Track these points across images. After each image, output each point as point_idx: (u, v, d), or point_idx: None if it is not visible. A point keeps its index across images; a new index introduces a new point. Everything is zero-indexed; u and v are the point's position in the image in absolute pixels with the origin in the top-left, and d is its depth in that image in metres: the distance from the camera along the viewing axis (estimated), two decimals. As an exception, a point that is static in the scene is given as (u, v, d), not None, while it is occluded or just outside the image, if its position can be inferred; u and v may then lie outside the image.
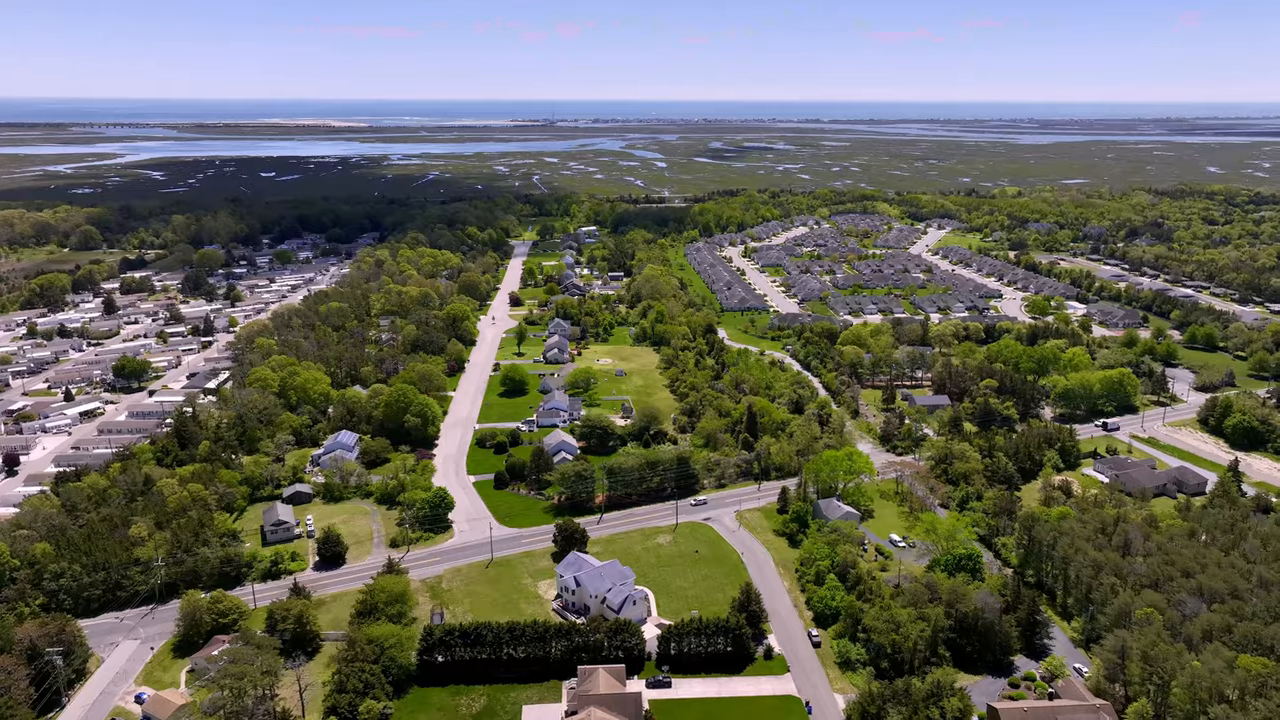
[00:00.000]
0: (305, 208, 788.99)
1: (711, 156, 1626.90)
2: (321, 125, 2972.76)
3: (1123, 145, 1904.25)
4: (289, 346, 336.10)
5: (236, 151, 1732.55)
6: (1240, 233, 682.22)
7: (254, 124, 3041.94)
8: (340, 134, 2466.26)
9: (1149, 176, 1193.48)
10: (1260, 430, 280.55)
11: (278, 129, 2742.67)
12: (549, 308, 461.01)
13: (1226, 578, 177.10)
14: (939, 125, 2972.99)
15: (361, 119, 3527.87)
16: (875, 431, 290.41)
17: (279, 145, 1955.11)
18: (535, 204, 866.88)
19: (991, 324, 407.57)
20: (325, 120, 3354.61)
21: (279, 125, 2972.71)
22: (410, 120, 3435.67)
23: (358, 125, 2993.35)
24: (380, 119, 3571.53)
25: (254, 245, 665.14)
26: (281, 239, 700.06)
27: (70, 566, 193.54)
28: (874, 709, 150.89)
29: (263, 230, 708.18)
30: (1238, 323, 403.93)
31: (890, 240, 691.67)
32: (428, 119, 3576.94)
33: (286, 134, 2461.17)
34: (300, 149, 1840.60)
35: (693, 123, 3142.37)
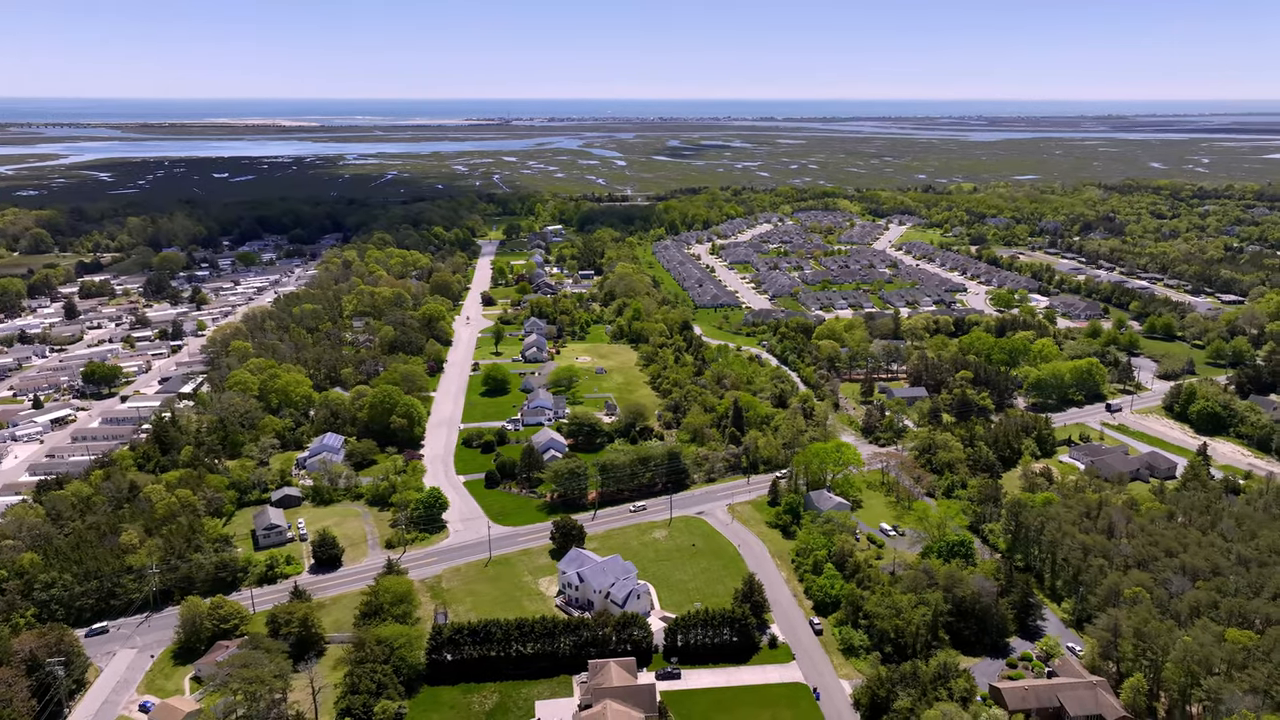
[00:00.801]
0: (264, 209, 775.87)
1: (670, 155, 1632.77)
2: (271, 125, 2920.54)
3: (1069, 142, 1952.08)
4: (266, 349, 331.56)
5: (185, 152, 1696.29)
6: (1188, 226, 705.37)
7: (201, 124, 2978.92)
8: (291, 134, 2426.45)
9: (1096, 172, 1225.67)
10: (1223, 416, 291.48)
11: (226, 129, 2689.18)
12: (523, 307, 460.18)
13: (1207, 556, 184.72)
14: (891, 123, 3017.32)
15: (312, 119, 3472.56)
16: (857, 424, 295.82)
17: (229, 145, 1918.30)
18: (499, 203, 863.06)
19: (960, 317, 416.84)
20: (275, 120, 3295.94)
21: (227, 125, 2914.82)
22: (363, 120, 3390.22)
23: (309, 125, 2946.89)
24: (331, 119, 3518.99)
25: (214, 247, 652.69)
26: (242, 240, 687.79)
27: (61, 576, 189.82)
28: (883, 692, 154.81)
29: (222, 232, 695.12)
30: (1194, 313, 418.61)
31: (854, 236, 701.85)
32: (380, 118, 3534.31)
33: (235, 134, 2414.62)
34: (252, 149, 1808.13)
35: (649, 121, 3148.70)
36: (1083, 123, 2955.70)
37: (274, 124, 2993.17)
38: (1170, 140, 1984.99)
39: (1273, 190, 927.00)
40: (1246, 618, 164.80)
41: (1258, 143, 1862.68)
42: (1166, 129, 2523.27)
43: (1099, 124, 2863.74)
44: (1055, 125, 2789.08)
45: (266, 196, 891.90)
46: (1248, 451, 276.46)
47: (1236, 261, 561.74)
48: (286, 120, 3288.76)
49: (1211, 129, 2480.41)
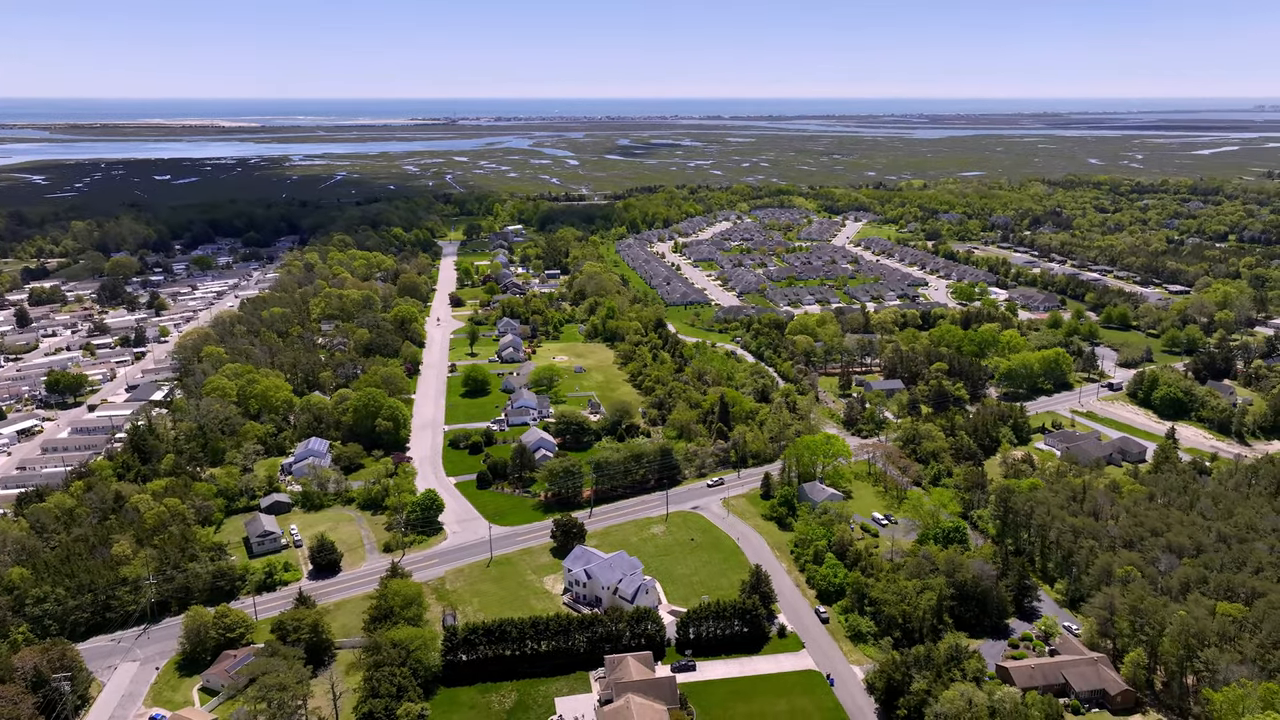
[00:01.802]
0: (215, 211, 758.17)
1: (622, 154, 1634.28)
2: (210, 125, 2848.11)
3: (1009, 139, 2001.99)
4: (239, 354, 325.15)
5: (121, 154, 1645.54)
6: (1131, 219, 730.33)
7: (135, 125, 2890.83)
8: (231, 134, 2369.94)
9: (1038, 168, 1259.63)
10: (1184, 401, 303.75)
11: (162, 130, 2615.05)
12: (493, 307, 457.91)
13: (1191, 535, 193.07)
14: (836, 121, 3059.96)
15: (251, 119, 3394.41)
16: (838, 417, 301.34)
17: (167, 147, 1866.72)
18: (456, 203, 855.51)
19: (926, 310, 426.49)
20: (213, 120, 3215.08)
21: (163, 126, 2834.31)
22: (305, 120, 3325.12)
23: (249, 125, 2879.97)
24: (271, 119, 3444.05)
25: (166, 251, 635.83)
26: (195, 244, 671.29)
27: (53, 590, 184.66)
28: (899, 675, 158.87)
29: (173, 236, 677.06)
30: (1146, 303, 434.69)
31: (812, 233, 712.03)
32: (323, 118, 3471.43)
33: (172, 135, 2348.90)
34: (192, 150, 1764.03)
35: (597, 120, 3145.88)
36: (1020, 120, 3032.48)
37: (212, 124, 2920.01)
38: (1105, 137, 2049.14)
39: (1205, 184, 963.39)
40: (1234, 591, 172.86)
41: (1185, 139, 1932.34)
42: (1100, 126, 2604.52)
43: (1036, 121, 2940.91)
44: (994, 123, 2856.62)
45: (214, 199, 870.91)
46: (1209, 435, 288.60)
47: (1179, 253, 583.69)
48: (225, 121, 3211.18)
49: (1142, 126, 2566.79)
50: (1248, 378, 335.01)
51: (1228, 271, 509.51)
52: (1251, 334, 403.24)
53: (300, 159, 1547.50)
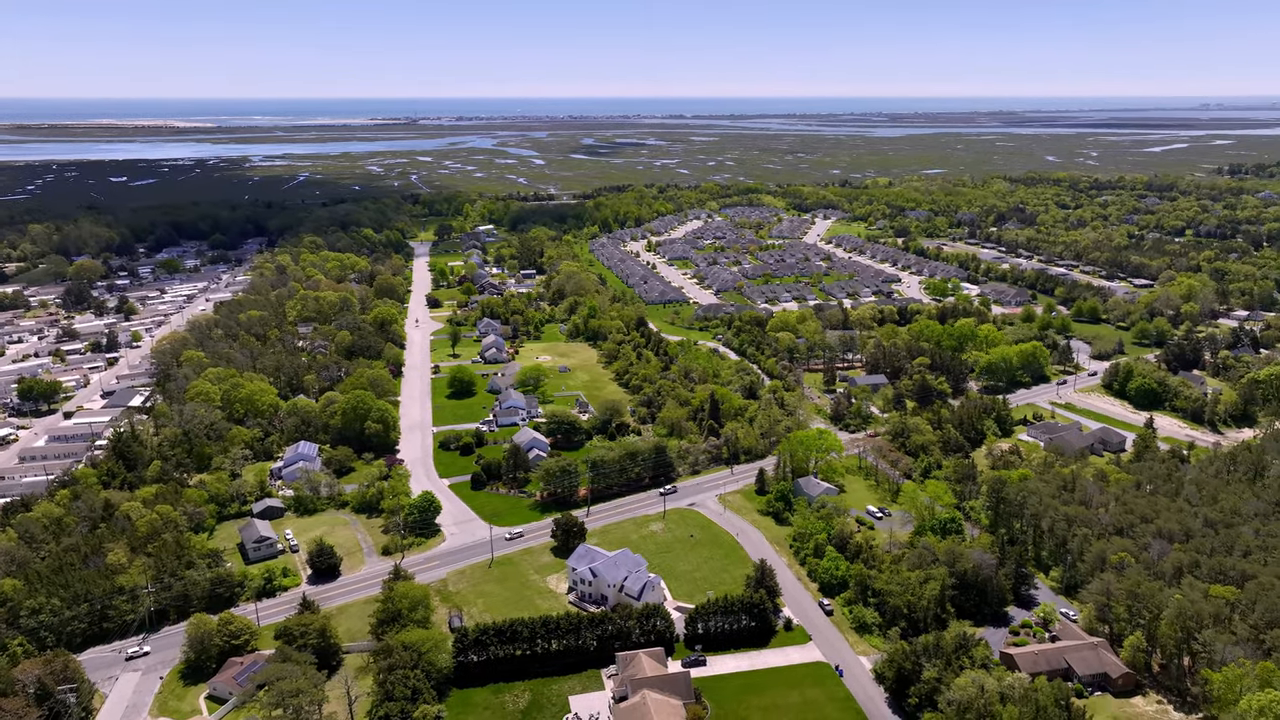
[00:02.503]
0: (178, 213, 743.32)
1: (587, 153, 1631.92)
2: (164, 126, 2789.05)
3: (968, 137, 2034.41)
4: (220, 358, 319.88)
5: (72, 155, 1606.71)
6: (1092, 215, 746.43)
7: (84, 125, 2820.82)
8: (186, 135, 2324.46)
9: (997, 166, 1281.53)
10: (1158, 391, 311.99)
11: (114, 130, 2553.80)
12: (471, 308, 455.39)
13: (1180, 521, 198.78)
14: (797, 120, 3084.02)
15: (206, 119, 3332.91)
16: (825, 412, 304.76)
17: (120, 148, 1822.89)
18: (425, 204, 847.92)
19: (903, 306, 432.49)
20: (167, 121, 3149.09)
21: (114, 126, 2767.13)
22: (262, 120, 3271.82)
23: (204, 126, 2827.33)
24: (226, 119, 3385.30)
25: (131, 255, 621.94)
26: (159, 247, 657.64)
27: (49, 601, 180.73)
28: (909, 665, 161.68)
29: (136, 239, 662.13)
30: (1115, 297, 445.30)
31: (783, 231, 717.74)
32: (281, 118, 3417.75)
33: (125, 136, 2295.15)
34: (147, 151, 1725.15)
35: (559, 120, 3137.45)
36: (978, 119, 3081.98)
37: (166, 125, 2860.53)
38: (1060, 135, 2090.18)
39: (1159, 181, 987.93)
40: (1225, 574, 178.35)
41: (1137, 137, 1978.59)
42: (1054, 124, 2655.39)
43: (993, 120, 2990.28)
44: (952, 121, 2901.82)
45: (175, 201, 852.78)
46: (1184, 424, 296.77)
47: (1140, 248, 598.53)
48: (179, 121, 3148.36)
49: (1094, 124, 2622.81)
50: (1215, 368, 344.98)
51: (1188, 265, 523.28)
52: (1215, 325, 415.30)
53: (260, 160, 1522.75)
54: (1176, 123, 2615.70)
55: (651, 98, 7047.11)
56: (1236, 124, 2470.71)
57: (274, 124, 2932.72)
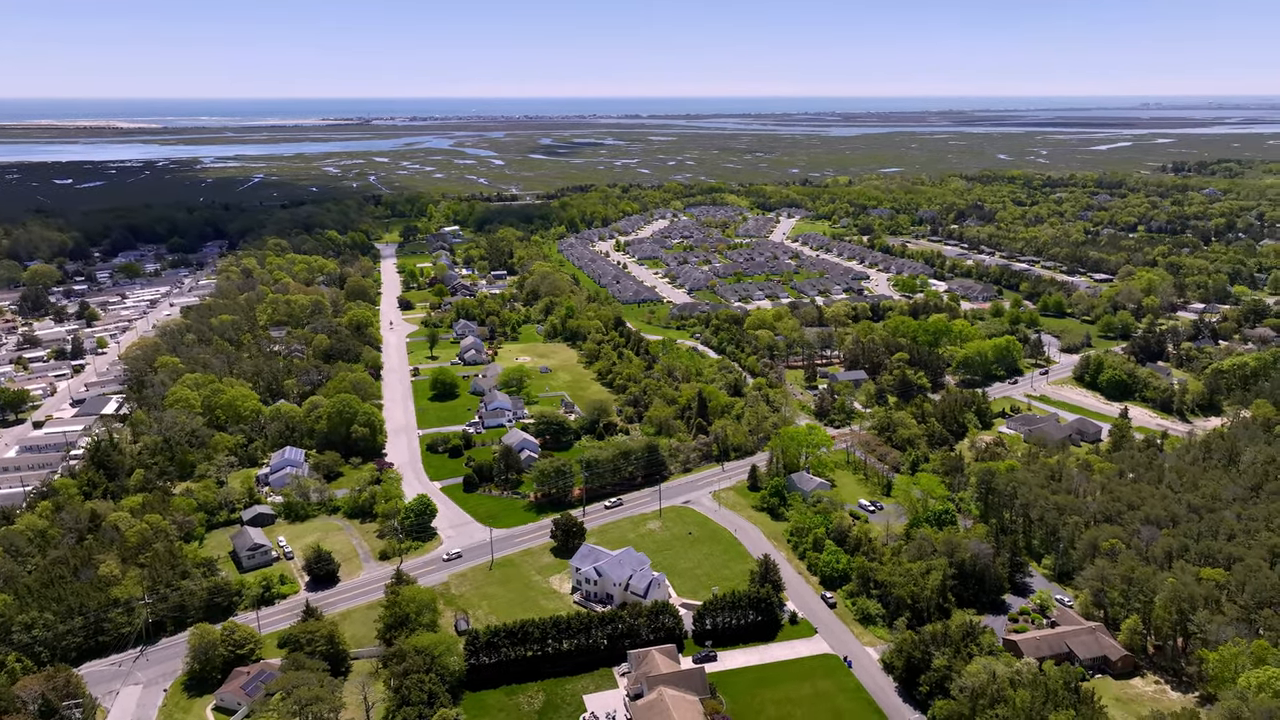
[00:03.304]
0: (133, 216, 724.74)
1: (546, 153, 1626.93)
2: (107, 127, 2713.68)
3: (921, 136, 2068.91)
4: (196, 363, 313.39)
5: (11, 156, 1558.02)
6: (1048, 212, 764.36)
7: (21, 125, 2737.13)
8: (131, 136, 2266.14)
9: (952, 164, 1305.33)
10: (1128, 383, 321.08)
11: (54, 130, 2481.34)
12: (444, 310, 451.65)
13: (1165, 507, 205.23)
14: (752, 120, 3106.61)
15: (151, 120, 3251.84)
16: (809, 408, 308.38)
17: (62, 149, 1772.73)
18: (387, 205, 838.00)
19: (875, 303, 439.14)
20: (110, 121, 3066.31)
21: (54, 127, 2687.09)
22: (210, 121, 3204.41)
23: (150, 126, 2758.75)
24: (172, 119, 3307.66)
25: (86, 259, 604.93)
26: (115, 251, 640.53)
27: (41, 615, 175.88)
28: (919, 653, 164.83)
29: (90, 243, 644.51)
30: (1079, 291, 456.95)
31: (749, 230, 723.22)
32: (229, 119, 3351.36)
33: (65, 137, 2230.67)
34: (91, 153, 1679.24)
35: (515, 120, 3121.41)
36: (928, 118, 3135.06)
37: (110, 125, 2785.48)
38: (1009, 133, 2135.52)
39: (1109, 178, 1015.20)
40: (1213, 558, 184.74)
41: (1082, 135, 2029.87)
42: (1003, 123, 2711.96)
43: (943, 119, 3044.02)
44: (904, 121, 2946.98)
45: (125, 203, 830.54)
46: (1154, 414, 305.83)
47: (1098, 243, 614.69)
48: (123, 121, 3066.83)
49: (1041, 123, 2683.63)
50: (1179, 359, 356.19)
51: (1145, 260, 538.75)
52: (1175, 318, 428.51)
53: (211, 161, 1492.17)
54: (1119, 122, 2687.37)
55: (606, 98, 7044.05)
56: (1175, 123, 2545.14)
57: (223, 125, 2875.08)
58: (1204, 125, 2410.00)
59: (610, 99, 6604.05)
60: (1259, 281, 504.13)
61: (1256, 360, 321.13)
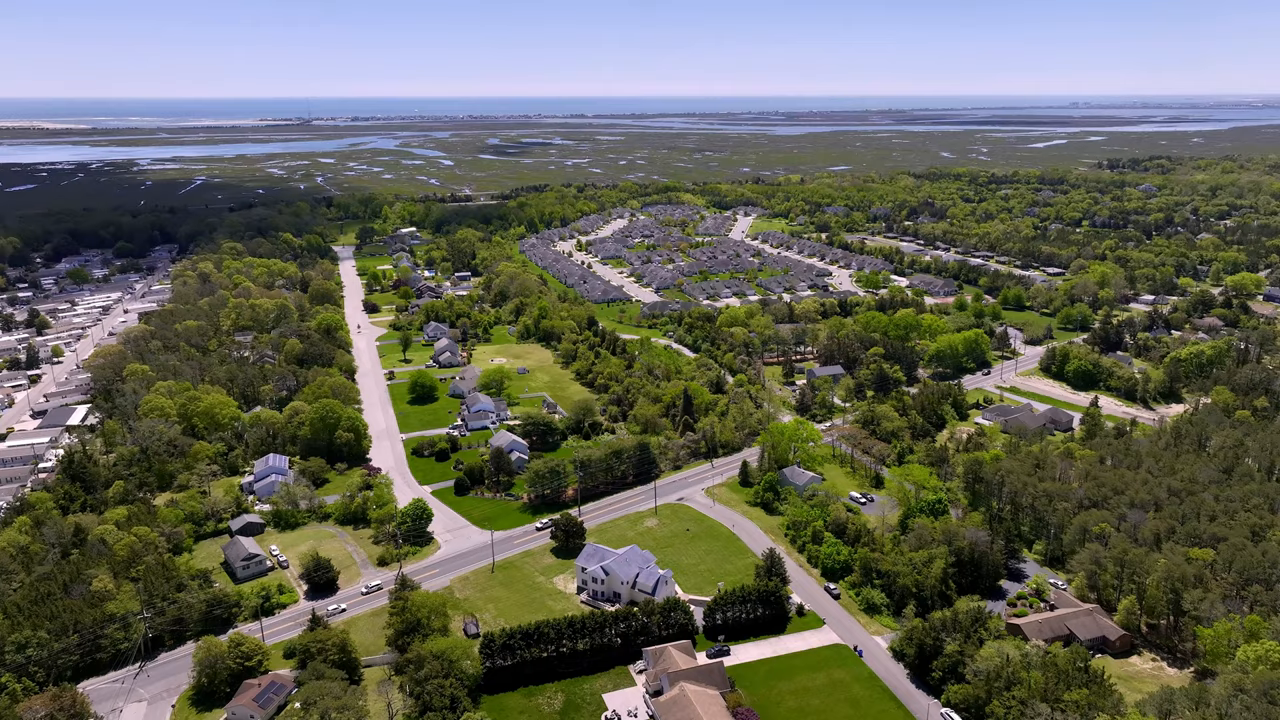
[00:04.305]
0: (75, 220, 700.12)
1: (496, 153, 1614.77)
2: (32, 128, 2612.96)
3: (865, 135, 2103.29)
4: (167, 371, 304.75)
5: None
6: (997, 208, 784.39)
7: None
8: (58, 137, 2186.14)
9: (897, 162, 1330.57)
10: (1093, 372, 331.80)
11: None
12: (412, 312, 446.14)
13: (1148, 491, 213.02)
14: (698, 119, 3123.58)
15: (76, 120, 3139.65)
16: (790, 404, 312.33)
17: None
18: (340, 207, 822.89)
19: (842, 299, 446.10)
20: (33, 121, 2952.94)
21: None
22: (141, 121, 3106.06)
23: (79, 127, 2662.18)
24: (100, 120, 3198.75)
25: (27, 265, 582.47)
26: (57, 257, 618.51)
27: (35, 634, 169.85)
28: (930, 640, 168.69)
29: (29, 247, 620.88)
30: (1036, 285, 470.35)
31: (709, 229, 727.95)
32: (162, 119, 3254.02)
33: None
34: (17, 155, 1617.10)
35: (461, 120, 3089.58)
36: (870, 116, 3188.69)
37: (34, 126, 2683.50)
38: (950, 132, 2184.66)
39: (1051, 175, 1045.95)
40: (1198, 538, 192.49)
41: (1019, 133, 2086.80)
42: (942, 121, 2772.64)
43: (883, 117, 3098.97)
44: (846, 119, 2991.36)
45: (62, 207, 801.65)
46: (1119, 402, 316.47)
47: (1048, 238, 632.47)
48: (48, 122, 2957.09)
49: (978, 121, 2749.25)
50: (1137, 349, 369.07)
51: (1094, 254, 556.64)
52: (1128, 310, 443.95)
53: (148, 163, 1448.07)
54: (1053, 120, 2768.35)
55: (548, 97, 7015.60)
56: (1104, 121, 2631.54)
57: (156, 125, 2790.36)
58: (1132, 123, 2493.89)
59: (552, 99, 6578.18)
60: (1201, 274, 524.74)
61: (1212, 349, 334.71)
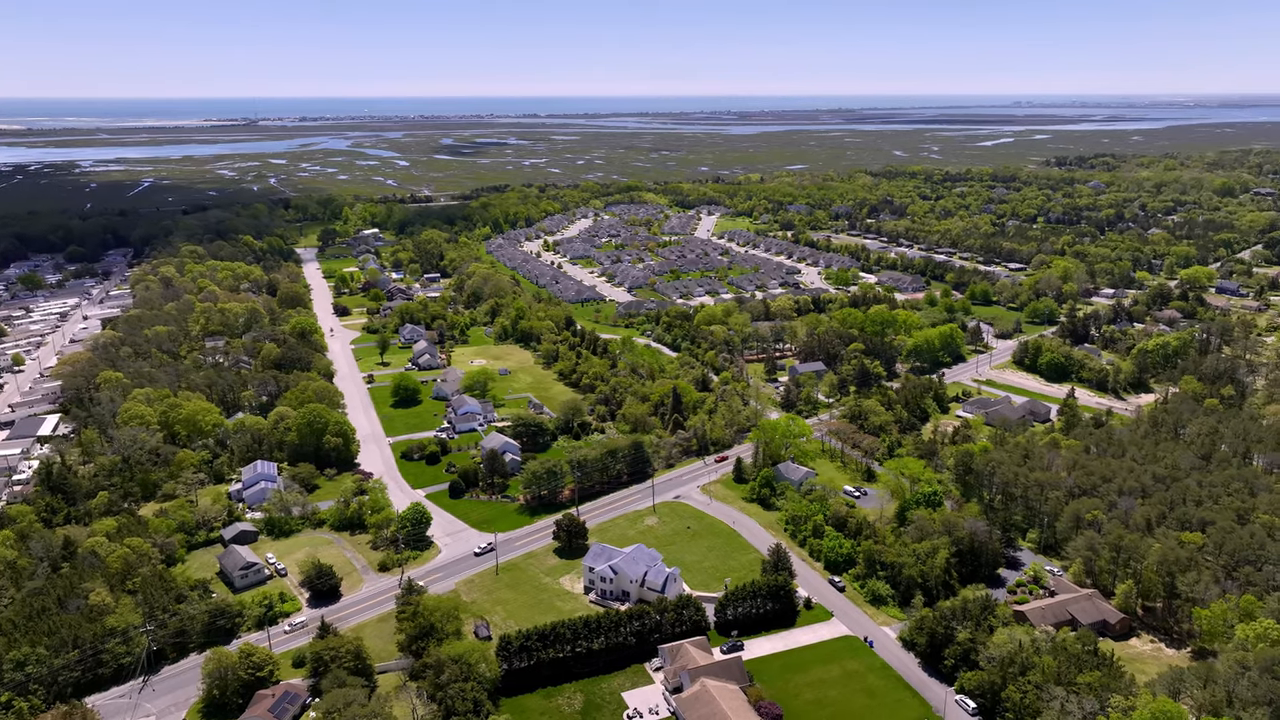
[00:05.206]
0: (21, 224, 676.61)
1: (450, 153, 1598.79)
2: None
3: (818, 134, 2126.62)
4: (143, 378, 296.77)
5: None
6: (955, 206, 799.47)
7: None
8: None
9: (852, 160, 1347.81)
10: (1065, 364, 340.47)
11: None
12: (384, 315, 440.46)
13: (1135, 479, 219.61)
14: (651, 119, 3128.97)
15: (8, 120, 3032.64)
16: (775, 400, 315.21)
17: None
18: (298, 208, 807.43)
19: (816, 296, 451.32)
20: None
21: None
22: (78, 122, 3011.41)
23: (12, 128, 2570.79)
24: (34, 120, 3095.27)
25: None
26: (5, 262, 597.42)
27: (34, 651, 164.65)
28: (941, 629, 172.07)
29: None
30: (1001, 280, 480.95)
31: (674, 228, 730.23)
32: (100, 120, 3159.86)
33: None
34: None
35: (412, 120, 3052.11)
36: (820, 116, 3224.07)
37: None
38: (900, 130, 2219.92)
39: (1003, 173, 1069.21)
40: (1188, 522, 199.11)
41: (968, 132, 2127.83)
42: (890, 120, 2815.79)
43: (834, 117, 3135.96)
44: (797, 119, 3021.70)
45: (5, 210, 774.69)
46: (1092, 393, 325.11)
47: (1006, 234, 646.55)
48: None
49: (926, 120, 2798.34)
50: (1103, 341, 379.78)
51: (1053, 249, 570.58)
52: (1090, 303, 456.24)
53: (91, 164, 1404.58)
54: (998, 119, 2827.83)
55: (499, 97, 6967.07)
56: (1047, 120, 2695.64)
57: (96, 126, 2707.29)
58: (1073, 122, 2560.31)
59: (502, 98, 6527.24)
60: (1155, 268, 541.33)
61: (1177, 340, 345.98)
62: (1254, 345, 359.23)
